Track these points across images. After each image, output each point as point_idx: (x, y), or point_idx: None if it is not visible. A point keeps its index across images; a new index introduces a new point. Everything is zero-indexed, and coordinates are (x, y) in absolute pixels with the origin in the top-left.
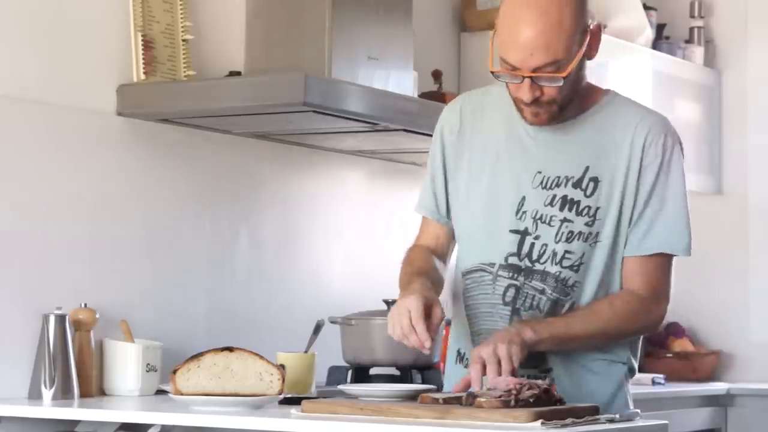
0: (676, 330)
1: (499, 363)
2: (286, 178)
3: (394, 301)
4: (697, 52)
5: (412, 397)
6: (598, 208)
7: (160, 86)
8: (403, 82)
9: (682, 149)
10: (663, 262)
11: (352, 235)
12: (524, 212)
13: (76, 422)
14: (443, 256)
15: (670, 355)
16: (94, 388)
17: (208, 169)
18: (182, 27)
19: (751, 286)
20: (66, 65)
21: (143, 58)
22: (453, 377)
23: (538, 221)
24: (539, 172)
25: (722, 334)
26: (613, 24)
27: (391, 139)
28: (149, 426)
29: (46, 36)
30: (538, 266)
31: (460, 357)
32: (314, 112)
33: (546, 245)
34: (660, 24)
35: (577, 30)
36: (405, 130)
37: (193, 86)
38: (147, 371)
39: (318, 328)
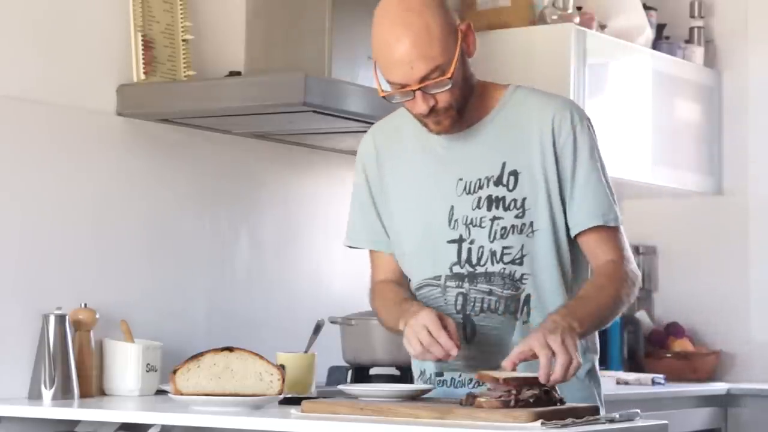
0: (676, 330)
1: (568, 355)
2: (286, 178)
3: None
4: (697, 52)
5: (412, 397)
6: (524, 199)
7: (160, 86)
8: None
9: (590, 123)
10: (612, 231)
11: None
12: (456, 221)
13: (76, 422)
14: (405, 285)
15: (670, 355)
16: (94, 388)
17: (208, 169)
18: (182, 27)
19: (752, 286)
20: (66, 65)
21: (143, 58)
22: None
23: (470, 226)
24: (460, 179)
25: (722, 334)
26: (613, 24)
27: None
28: (149, 426)
29: (47, 36)
30: (479, 269)
31: (423, 375)
32: (314, 112)
33: (482, 247)
34: (660, 24)
35: (446, 31)
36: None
37: (193, 86)
38: (147, 371)
39: (318, 328)
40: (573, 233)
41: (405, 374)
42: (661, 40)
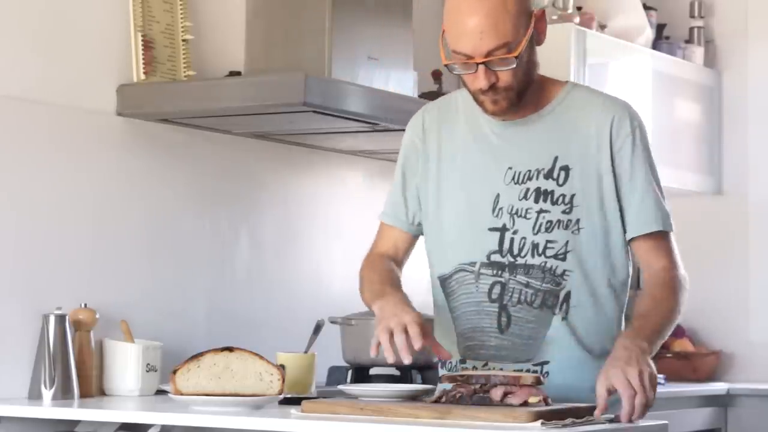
0: (676, 330)
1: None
2: (286, 178)
3: None
4: (697, 52)
5: (412, 397)
6: (573, 195)
7: (160, 86)
8: (403, 82)
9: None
10: (666, 237)
11: (352, 235)
12: (500, 209)
13: (76, 422)
14: (400, 264)
15: (670, 355)
16: (94, 388)
17: (208, 169)
18: (182, 27)
19: (752, 286)
20: (66, 65)
21: (143, 58)
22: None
23: (515, 216)
24: (510, 168)
25: (722, 334)
26: (613, 24)
27: (391, 139)
28: (149, 426)
29: (47, 36)
30: (520, 260)
31: (443, 365)
32: (314, 112)
33: (525, 238)
34: (660, 24)
35: (520, 12)
36: (405, 131)
37: (193, 86)
38: (147, 371)
39: (318, 328)
40: (629, 236)
41: (405, 374)
42: (661, 40)
